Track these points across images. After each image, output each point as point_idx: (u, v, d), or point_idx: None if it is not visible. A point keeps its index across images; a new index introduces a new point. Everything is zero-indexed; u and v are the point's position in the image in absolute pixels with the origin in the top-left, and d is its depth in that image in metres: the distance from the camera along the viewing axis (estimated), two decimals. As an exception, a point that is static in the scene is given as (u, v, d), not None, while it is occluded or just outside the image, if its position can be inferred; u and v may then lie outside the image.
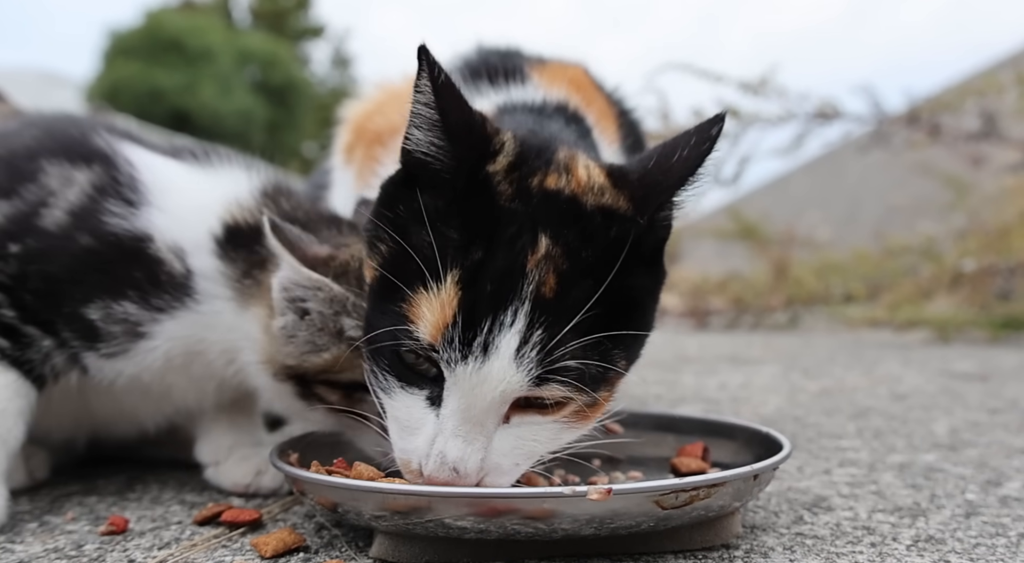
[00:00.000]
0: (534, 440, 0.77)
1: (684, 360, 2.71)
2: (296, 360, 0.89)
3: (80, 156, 0.96)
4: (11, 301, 0.91)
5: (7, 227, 0.92)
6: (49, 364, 0.94)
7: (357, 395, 0.89)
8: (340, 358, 0.87)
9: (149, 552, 0.83)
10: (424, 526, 0.75)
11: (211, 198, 0.95)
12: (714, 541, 0.82)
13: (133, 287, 0.91)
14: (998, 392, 1.93)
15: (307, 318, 0.87)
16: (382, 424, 0.81)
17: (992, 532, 0.88)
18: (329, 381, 0.89)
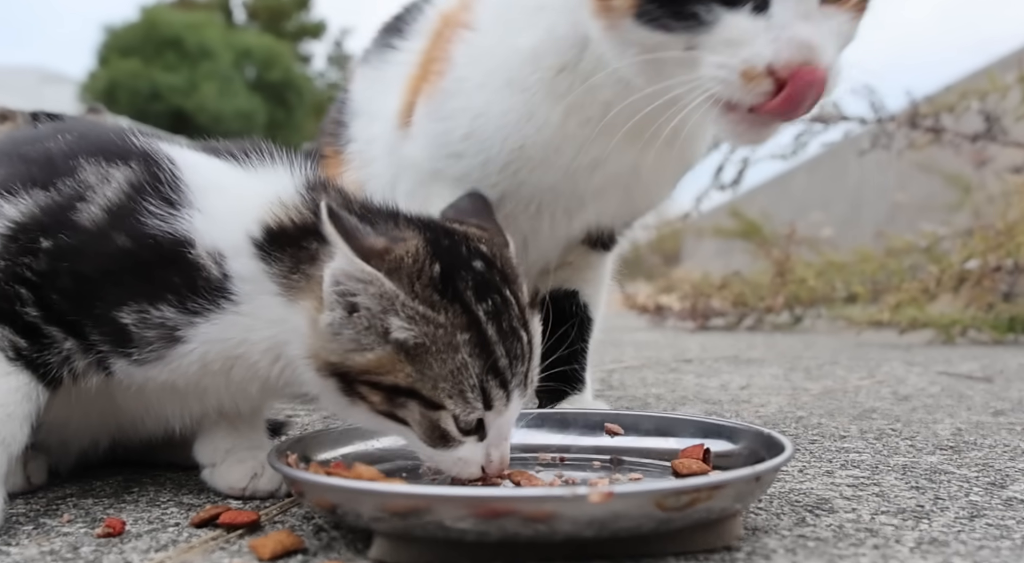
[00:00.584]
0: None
1: (685, 361, 2.70)
2: (339, 357, 0.86)
3: (117, 155, 0.93)
4: (36, 299, 0.88)
5: (41, 219, 0.89)
6: (68, 367, 0.90)
7: (399, 400, 0.86)
8: (383, 360, 0.84)
9: (146, 554, 0.82)
10: (423, 528, 0.74)
11: (252, 198, 0.91)
12: (715, 543, 0.81)
13: (171, 292, 0.88)
14: (1003, 393, 1.92)
15: (355, 315, 0.84)
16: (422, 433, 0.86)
17: (996, 535, 0.87)
18: (371, 382, 0.86)
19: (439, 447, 0.87)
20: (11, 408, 0.87)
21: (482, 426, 0.87)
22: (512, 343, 0.86)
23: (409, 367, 0.83)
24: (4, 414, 0.86)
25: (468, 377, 0.84)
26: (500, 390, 0.86)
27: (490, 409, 0.86)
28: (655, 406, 1.77)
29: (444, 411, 0.84)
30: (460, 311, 0.84)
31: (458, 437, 0.87)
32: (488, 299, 0.86)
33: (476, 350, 0.84)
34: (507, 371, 0.86)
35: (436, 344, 0.83)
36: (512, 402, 0.88)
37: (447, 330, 0.83)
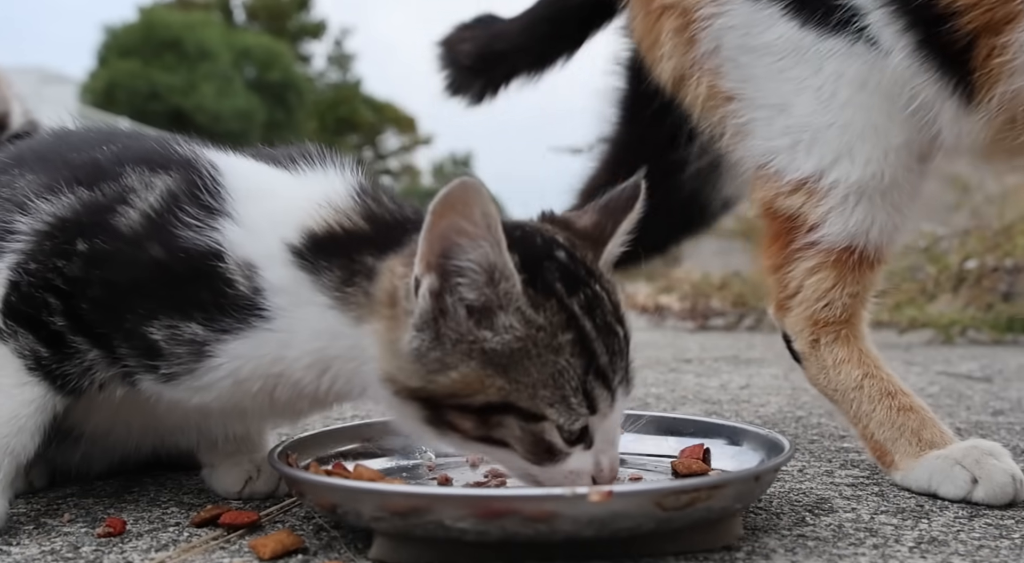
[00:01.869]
0: None
1: (684, 360, 2.70)
2: (421, 381, 0.78)
3: (160, 164, 0.90)
4: (64, 309, 0.85)
5: (81, 217, 0.87)
6: (89, 378, 0.87)
7: (494, 419, 0.77)
8: (469, 377, 0.76)
9: (147, 554, 0.82)
10: (424, 527, 0.75)
11: (295, 204, 0.86)
12: (715, 543, 0.81)
13: (199, 308, 0.83)
14: (1002, 393, 1.92)
15: (444, 328, 0.76)
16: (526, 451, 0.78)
17: (996, 534, 0.87)
18: (459, 405, 0.78)
19: (546, 463, 0.79)
20: (23, 421, 0.86)
21: (587, 433, 0.79)
22: (610, 338, 0.79)
23: (500, 379, 0.76)
24: (16, 426, 0.86)
25: (570, 380, 0.76)
26: (604, 391, 0.78)
27: (595, 413, 0.78)
28: (655, 406, 1.77)
29: (546, 422, 0.77)
30: (556, 308, 0.77)
31: (564, 448, 0.78)
32: (580, 292, 0.79)
33: (577, 349, 0.77)
34: (609, 369, 0.79)
35: (536, 348, 0.76)
36: (617, 403, 0.80)
37: (547, 331, 0.76)
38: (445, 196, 0.72)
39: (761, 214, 1.17)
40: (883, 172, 1.06)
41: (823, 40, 1.06)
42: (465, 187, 0.72)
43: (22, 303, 0.86)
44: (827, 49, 1.06)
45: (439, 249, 0.75)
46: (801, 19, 1.07)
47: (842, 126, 1.06)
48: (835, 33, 1.05)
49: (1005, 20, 0.97)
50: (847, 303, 1.09)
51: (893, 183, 1.06)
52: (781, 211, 1.12)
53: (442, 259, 0.75)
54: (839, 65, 1.06)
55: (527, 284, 0.76)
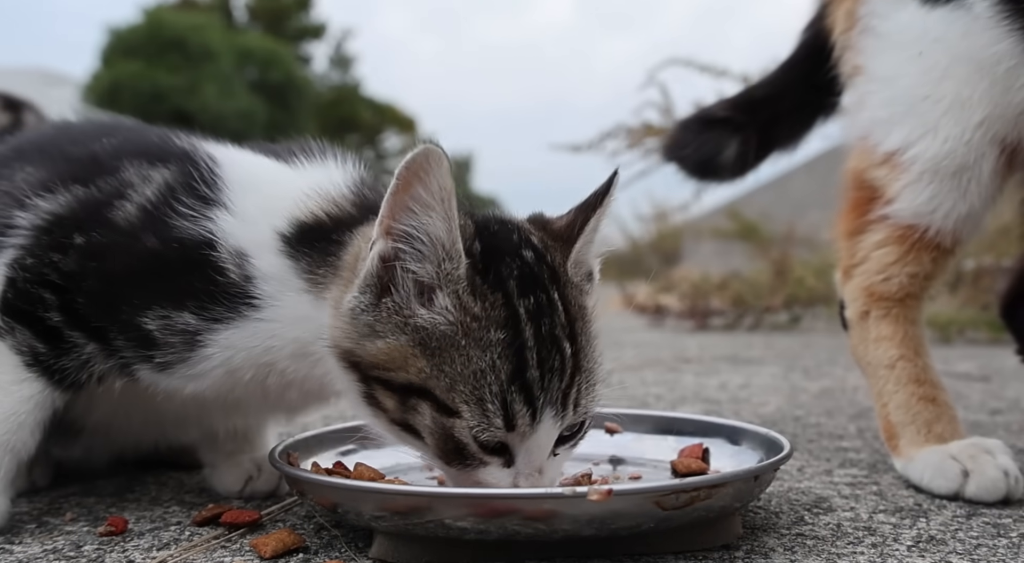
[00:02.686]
0: None
1: (684, 360, 2.70)
2: (353, 343, 0.77)
3: (158, 157, 0.91)
4: (60, 303, 0.86)
5: (78, 213, 0.87)
6: (87, 371, 0.88)
7: (411, 402, 0.75)
8: (395, 351, 0.75)
9: (148, 553, 0.82)
10: (424, 526, 0.75)
11: (290, 194, 0.86)
12: (714, 542, 0.82)
13: (192, 297, 0.83)
14: (999, 393, 1.93)
15: (386, 298, 0.75)
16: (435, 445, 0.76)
17: (993, 533, 0.88)
18: (382, 379, 0.76)
19: (455, 464, 0.77)
20: (23, 417, 0.87)
21: (506, 449, 0.76)
22: (549, 352, 0.74)
23: (424, 361, 0.74)
24: (15, 423, 0.86)
25: (491, 384, 0.73)
26: (525, 407, 0.73)
27: (512, 430, 0.74)
28: (655, 405, 1.77)
29: (459, 419, 0.74)
30: (500, 304, 0.74)
31: (477, 453, 0.75)
32: (531, 296, 0.76)
33: (508, 352, 0.73)
34: (537, 386, 0.74)
35: (466, 338, 0.73)
36: (542, 425, 0.75)
37: (481, 323, 0.74)
38: (409, 162, 0.71)
39: (849, 184, 1.17)
40: (956, 151, 1.05)
41: (933, 9, 1.06)
42: (427, 155, 0.71)
43: (19, 299, 0.87)
44: (935, 18, 1.06)
45: (396, 214, 0.74)
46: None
47: (935, 99, 1.06)
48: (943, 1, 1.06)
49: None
50: (904, 282, 1.10)
51: (963, 166, 1.06)
52: (866, 182, 1.14)
53: (397, 225, 0.74)
54: (942, 31, 1.06)
55: (476, 272, 0.74)
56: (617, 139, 3.36)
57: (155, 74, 17.31)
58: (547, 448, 0.77)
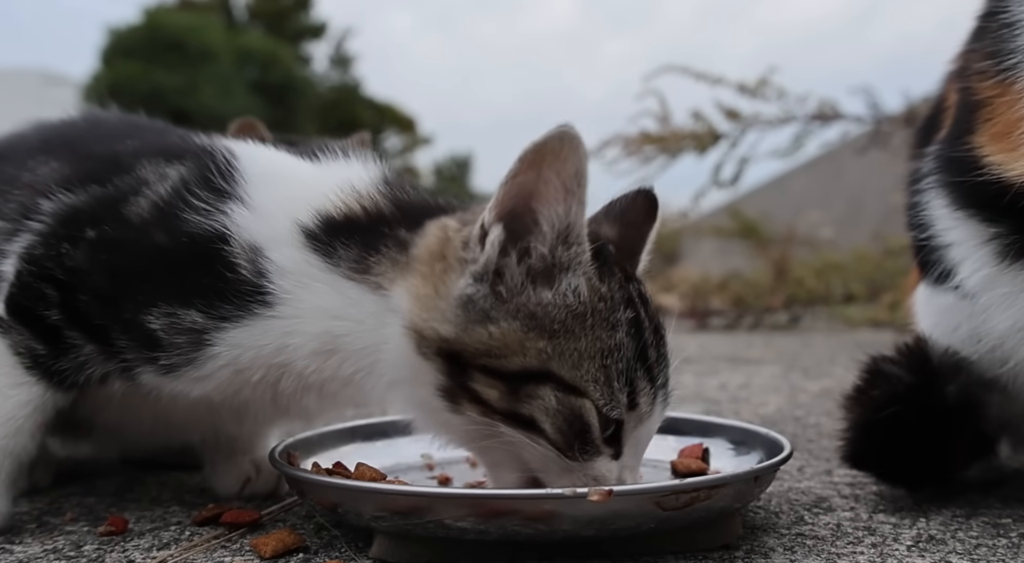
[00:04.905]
0: None
1: (684, 360, 2.70)
2: (459, 330, 0.73)
3: (175, 154, 0.90)
4: (62, 300, 0.85)
5: (92, 208, 0.87)
6: (84, 373, 0.87)
7: (526, 389, 0.72)
8: (509, 336, 0.72)
9: (148, 553, 0.83)
10: (424, 527, 0.75)
11: (312, 188, 0.85)
12: (714, 542, 0.82)
13: (200, 294, 0.81)
14: (999, 392, 1.93)
15: (503, 284, 0.73)
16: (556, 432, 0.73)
17: (993, 532, 0.88)
18: (489, 367, 0.72)
19: (573, 455, 0.74)
20: (21, 422, 0.86)
21: (619, 435, 0.75)
22: (660, 336, 0.77)
23: (544, 342, 0.72)
24: (14, 427, 0.86)
25: (619, 361, 0.72)
26: (648, 384, 0.74)
27: (634, 408, 0.74)
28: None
29: (587, 400, 0.72)
30: (620, 285, 0.75)
31: (599, 440, 0.74)
32: (632, 284, 0.78)
33: (633, 331, 0.73)
34: (656, 365, 0.75)
35: (594, 317, 0.73)
36: (656, 406, 0.76)
37: (608, 304, 0.74)
38: (540, 145, 0.69)
39: None
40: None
41: None
42: (563, 140, 0.69)
43: (22, 295, 0.86)
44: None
45: (519, 199, 0.72)
46: None
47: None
48: None
49: None
50: None
51: None
52: None
53: (519, 210, 0.73)
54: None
55: (595, 256, 0.75)
56: (616, 148, 3.37)
57: (154, 74, 17.31)
58: (650, 438, 0.78)
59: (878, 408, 0.98)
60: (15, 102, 2.37)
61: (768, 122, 3.46)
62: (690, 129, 3.36)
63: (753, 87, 3.37)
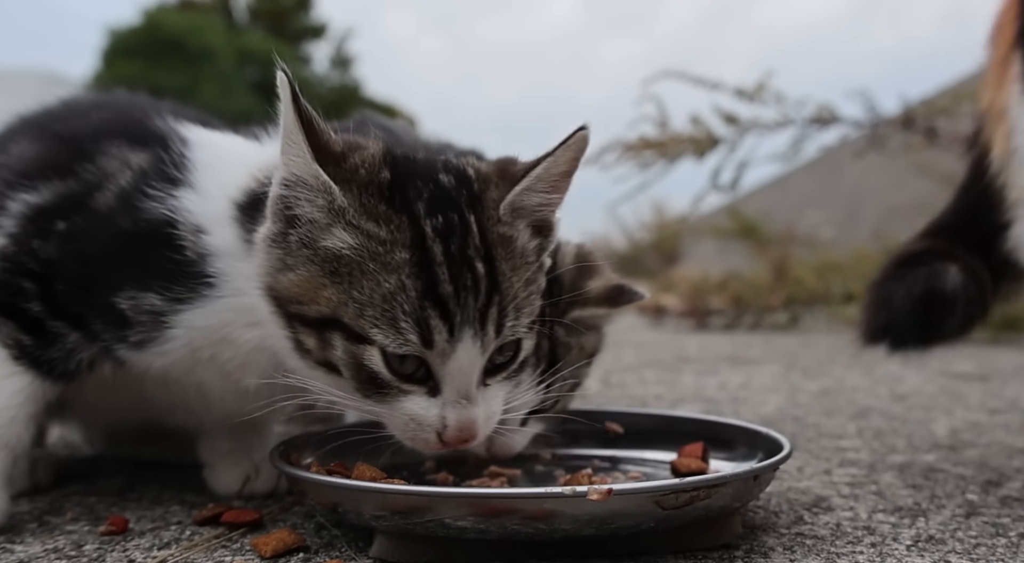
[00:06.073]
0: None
1: (684, 360, 2.71)
2: (271, 278, 0.78)
3: (139, 139, 0.93)
4: (40, 292, 0.87)
5: (58, 204, 0.89)
6: (75, 360, 0.89)
7: (326, 336, 0.76)
8: (305, 282, 0.75)
9: (149, 552, 0.83)
10: (424, 526, 0.75)
11: (247, 167, 0.87)
12: (714, 541, 0.82)
13: (157, 277, 0.84)
14: (998, 392, 1.93)
15: (291, 231, 0.77)
16: (351, 377, 0.76)
17: (992, 532, 0.88)
18: (301, 315, 0.77)
19: (374, 398, 0.77)
20: (14, 411, 0.87)
21: (430, 374, 0.76)
22: (461, 270, 0.74)
23: (333, 289, 0.74)
24: (7, 418, 0.87)
25: (403, 303, 0.73)
26: (442, 322, 0.73)
27: (430, 347, 0.74)
28: (655, 405, 1.77)
29: (370, 346, 0.74)
30: (406, 224, 0.75)
31: (390, 379, 0.75)
32: (441, 215, 0.76)
33: (416, 270, 0.73)
34: (452, 301, 0.74)
35: (371, 261, 0.74)
36: (461, 342, 0.75)
37: (387, 246, 0.74)
38: (287, 118, 0.75)
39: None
40: None
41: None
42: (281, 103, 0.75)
43: (1, 291, 0.88)
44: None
45: (283, 158, 0.76)
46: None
47: None
48: None
49: None
50: None
51: None
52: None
53: (295, 172, 0.76)
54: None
55: (376, 198, 0.75)
56: (615, 153, 3.37)
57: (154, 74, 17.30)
58: (472, 372, 0.77)
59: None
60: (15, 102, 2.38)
61: (766, 126, 3.46)
62: (689, 134, 3.36)
63: (751, 92, 3.37)
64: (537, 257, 0.84)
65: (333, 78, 25.85)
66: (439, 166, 0.81)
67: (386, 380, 0.76)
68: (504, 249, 0.79)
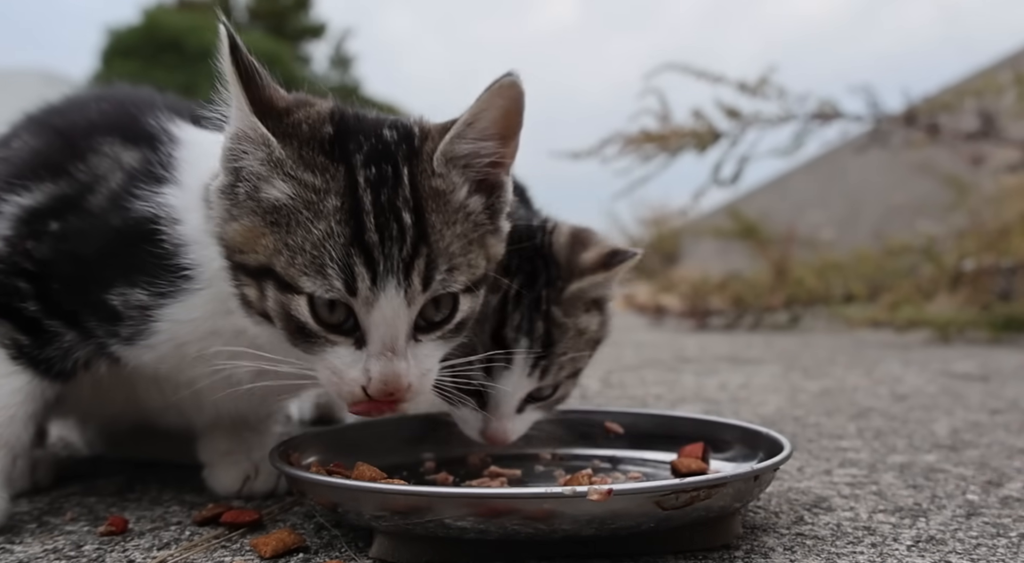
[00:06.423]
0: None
1: (684, 360, 2.71)
2: (219, 229, 0.79)
3: (132, 137, 0.93)
4: (36, 291, 0.88)
5: (52, 206, 0.90)
6: (71, 359, 0.90)
7: (263, 286, 0.77)
8: (247, 232, 0.77)
9: (148, 552, 0.83)
10: (424, 526, 0.75)
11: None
12: (714, 542, 0.82)
13: (142, 271, 0.85)
14: (999, 392, 1.93)
15: (238, 184, 0.78)
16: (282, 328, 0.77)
17: (993, 532, 0.88)
18: (242, 264, 0.78)
19: (303, 348, 0.77)
20: (13, 410, 0.88)
21: (358, 326, 0.76)
22: (388, 219, 0.75)
23: (270, 238, 0.75)
24: (6, 416, 0.87)
25: (331, 248, 0.73)
26: (366, 270, 0.74)
27: (354, 294, 0.74)
28: (655, 405, 1.77)
29: (298, 296, 0.75)
30: (341, 174, 0.76)
31: (317, 329, 0.76)
32: (376, 166, 0.76)
33: (345, 217, 0.74)
34: (377, 250, 0.74)
35: (305, 209, 0.75)
36: (385, 291, 0.74)
37: (320, 194, 0.75)
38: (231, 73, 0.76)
39: None
40: None
41: None
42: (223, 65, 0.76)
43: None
44: None
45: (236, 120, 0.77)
46: None
47: None
48: None
49: None
50: None
51: None
52: None
53: (242, 127, 0.77)
54: None
55: (316, 150, 0.76)
56: (616, 146, 3.36)
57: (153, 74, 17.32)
58: (397, 324, 0.76)
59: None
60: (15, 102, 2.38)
61: (768, 121, 3.46)
62: (690, 127, 3.36)
63: (753, 86, 3.36)
64: (490, 219, 0.83)
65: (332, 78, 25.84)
66: (387, 123, 0.82)
67: (313, 330, 0.76)
68: (437, 202, 0.78)
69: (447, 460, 1.06)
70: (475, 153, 0.81)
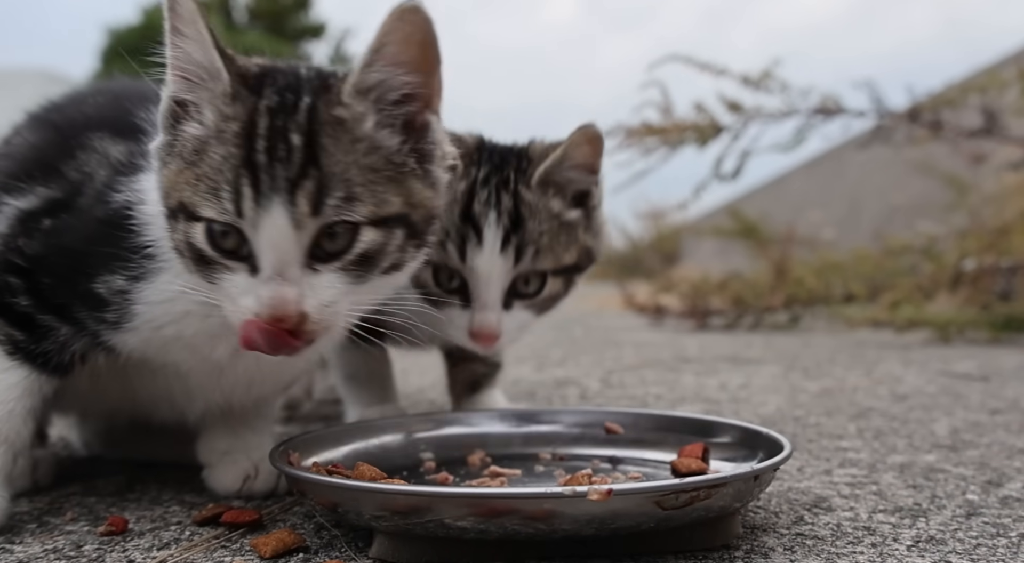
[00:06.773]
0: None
1: (684, 360, 2.70)
2: (159, 182, 0.81)
3: (121, 130, 0.94)
4: (27, 287, 0.89)
5: (45, 207, 0.91)
6: (68, 352, 0.90)
7: (178, 220, 0.79)
8: (175, 175, 0.78)
9: (148, 552, 0.83)
10: (424, 526, 0.75)
11: None
12: (714, 542, 0.82)
13: (118, 257, 0.86)
14: (999, 392, 1.93)
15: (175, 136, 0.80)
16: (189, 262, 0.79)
17: (993, 532, 0.88)
18: (170, 209, 0.80)
19: (204, 277, 0.79)
20: (11, 405, 0.88)
21: (248, 249, 0.76)
22: (276, 142, 0.75)
23: (187, 173, 0.77)
24: (5, 411, 0.87)
25: (226, 170, 0.75)
26: (251, 190, 0.74)
27: (240, 214, 0.75)
28: (655, 405, 1.77)
29: (198, 223, 0.77)
30: (250, 104, 0.78)
31: (213, 256, 0.77)
32: (280, 95, 0.78)
33: (240, 141, 0.76)
34: (262, 168, 0.74)
35: (215, 137, 0.77)
36: (269, 212, 0.74)
37: (227, 121, 0.77)
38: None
39: None
40: None
41: None
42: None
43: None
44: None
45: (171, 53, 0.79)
46: None
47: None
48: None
49: None
50: None
51: None
52: None
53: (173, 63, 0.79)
54: None
55: (243, 86, 0.79)
56: (617, 138, 3.35)
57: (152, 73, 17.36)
58: (286, 248, 0.75)
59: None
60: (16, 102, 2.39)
61: (770, 115, 3.45)
62: (692, 121, 3.34)
63: (756, 79, 3.35)
64: (417, 163, 0.82)
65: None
66: (312, 68, 0.84)
67: (210, 257, 0.77)
68: (335, 128, 0.78)
69: (447, 460, 1.06)
70: (386, 82, 0.80)
